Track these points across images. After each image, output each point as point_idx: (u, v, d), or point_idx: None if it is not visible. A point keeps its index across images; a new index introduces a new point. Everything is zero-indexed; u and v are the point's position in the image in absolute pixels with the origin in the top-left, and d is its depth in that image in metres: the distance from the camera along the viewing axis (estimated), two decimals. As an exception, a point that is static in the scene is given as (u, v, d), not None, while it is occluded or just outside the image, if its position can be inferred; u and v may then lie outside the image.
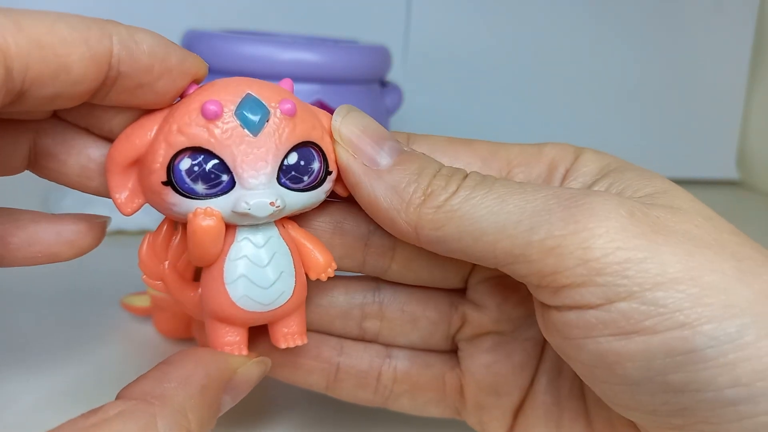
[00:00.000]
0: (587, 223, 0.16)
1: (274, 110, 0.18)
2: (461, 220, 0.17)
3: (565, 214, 0.16)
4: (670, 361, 0.16)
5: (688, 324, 0.15)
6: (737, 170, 0.68)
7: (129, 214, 0.19)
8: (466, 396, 0.23)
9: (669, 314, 0.15)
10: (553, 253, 0.16)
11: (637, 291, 0.16)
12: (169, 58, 0.17)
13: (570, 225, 0.16)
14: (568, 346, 0.18)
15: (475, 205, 0.17)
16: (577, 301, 0.16)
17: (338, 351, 0.22)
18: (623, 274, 0.16)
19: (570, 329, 0.17)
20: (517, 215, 0.17)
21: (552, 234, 0.16)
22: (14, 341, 0.29)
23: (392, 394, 0.23)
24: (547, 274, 0.17)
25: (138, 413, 0.16)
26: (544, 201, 0.17)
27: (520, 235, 0.17)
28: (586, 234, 0.16)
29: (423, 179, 0.18)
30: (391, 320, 0.23)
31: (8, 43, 0.14)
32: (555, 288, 0.17)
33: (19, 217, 0.19)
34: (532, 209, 0.17)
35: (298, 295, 0.20)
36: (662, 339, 0.16)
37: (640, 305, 0.16)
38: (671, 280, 0.15)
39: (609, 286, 0.16)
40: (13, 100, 0.15)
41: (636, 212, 0.16)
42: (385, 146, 0.19)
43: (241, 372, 0.19)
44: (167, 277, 0.20)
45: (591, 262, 0.16)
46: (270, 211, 0.18)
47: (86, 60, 0.16)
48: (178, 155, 0.18)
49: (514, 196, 0.17)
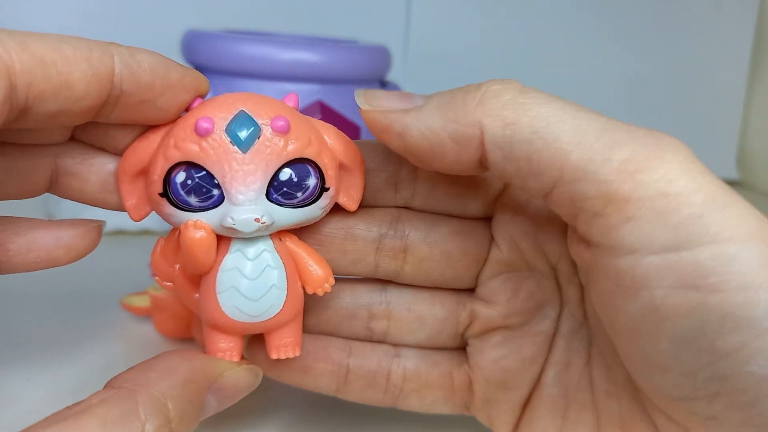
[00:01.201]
0: (674, 157, 0.15)
1: (266, 127, 0.18)
2: (535, 119, 0.16)
3: (651, 141, 0.16)
4: (727, 322, 0.15)
5: (753, 288, 0.15)
6: (737, 170, 0.68)
7: (138, 221, 0.20)
8: (475, 392, 0.23)
9: (736, 273, 0.15)
10: (632, 178, 0.15)
11: (709, 242, 0.15)
12: (170, 74, 0.18)
13: (657, 152, 0.15)
14: (618, 296, 0.16)
15: (550, 104, 0.16)
16: (640, 240, 0.15)
17: (347, 352, 0.23)
18: (699, 222, 0.15)
19: (623, 276, 0.16)
20: (599, 126, 0.16)
21: (637, 156, 0.15)
22: (14, 341, 0.29)
23: (402, 393, 0.23)
24: (618, 200, 0.15)
25: (121, 400, 0.16)
26: (626, 125, 0.16)
27: (600, 149, 0.15)
28: (672, 167, 0.15)
29: (476, 86, 0.17)
30: (399, 320, 0.23)
31: (13, 60, 0.15)
32: (621, 219, 0.15)
33: (17, 224, 0.20)
34: (616, 126, 0.16)
35: (289, 309, 0.20)
36: (722, 298, 0.15)
37: (707, 259, 0.15)
38: (745, 237, 0.15)
39: (681, 229, 0.15)
40: (17, 115, 0.16)
41: (700, 163, 0.16)
42: (415, 97, 0.19)
43: (228, 375, 0.19)
44: (177, 280, 0.21)
45: (670, 198, 0.15)
46: (255, 227, 0.18)
47: (88, 77, 0.16)
48: (175, 168, 0.18)
49: (595, 114, 0.16)
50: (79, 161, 0.20)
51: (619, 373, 0.20)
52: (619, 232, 0.16)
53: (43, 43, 0.16)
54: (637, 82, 0.65)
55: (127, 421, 0.16)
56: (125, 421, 0.16)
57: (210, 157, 0.18)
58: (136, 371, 0.18)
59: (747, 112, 0.69)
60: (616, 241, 0.16)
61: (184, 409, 0.17)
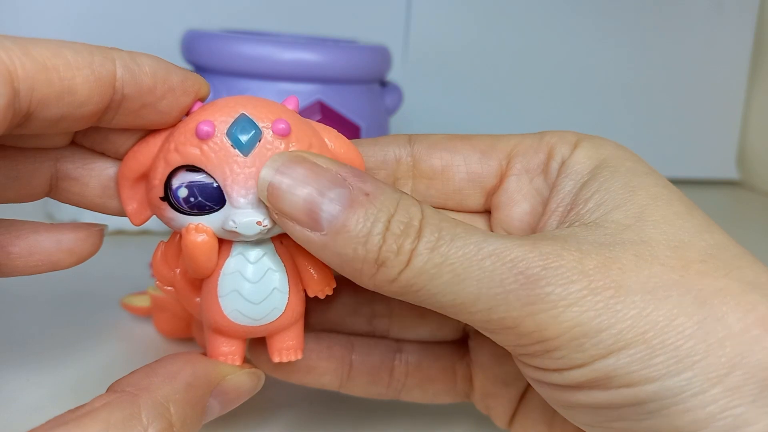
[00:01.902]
0: (543, 304, 0.16)
1: (267, 130, 0.18)
2: (419, 294, 0.17)
3: (522, 293, 0.16)
4: (616, 412, 0.17)
5: (634, 384, 0.16)
6: (737, 170, 0.68)
7: (138, 225, 0.20)
8: (475, 384, 0.23)
9: (617, 377, 0.16)
10: (512, 332, 0.17)
11: (589, 362, 0.16)
12: (171, 78, 0.18)
13: (526, 307, 0.16)
14: (538, 390, 0.19)
15: (431, 279, 0.17)
16: (536, 364, 0.17)
17: (350, 349, 0.23)
18: (578, 349, 0.16)
19: (530, 377, 0.18)
20: (474, 293, 0.17)
21: (510, 314, 0.16)
22: (15, 341, 0.29)
23: (405, 388, 0.23)
24: (509, 346, 0.18)
25: (123, 404, 0.16)
26: (500, 277, 0.17)
27: (478, 313, 0.17)
28: (542, 316, 0.16)
29: (372, 243, 0.17)
30: (400, 317, 0.23)
31: (15, 66, 0.15)
32: (516, 354, 0.18)
33: (19, 227, 0.20)
34: (489, 287, 0.17)
35: (291, 312, 0.20)
36: (608, 395, 0.16)
37: (591, 372, 0.16)
38: (623, 347, 0.16)
39: (564, 359, 0.16)
40: (21, 121, 0.16)
41: (596, 276, 0.16)
42: (327, 198, 0.17)
43: (230, 379, 0.19)
44: (178, 284, 0.21)
45: (548, 341, 0.16)
46: (257, 230, 0.18)
47: (91, 82, 0.16)
48: (175, 172, 0.18)
49: (472, 268, 0.17)
50: (80, 166, 0.20)
51: None
52: (519, 357, 0.18)
53: (45, 48, 0.16)
54: (637, 83, 0.65)
55: (129, 426, 0.16)
56: (127, 426, 0.16)
57: (211, 161, 0.18)
58: (138, 375, 0.18)
59: (747, 112, 0.69)
60: (520, 359, 0.18)
61: (187, 413, 0.17)
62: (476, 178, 0.22)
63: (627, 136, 0.64)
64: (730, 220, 0.17)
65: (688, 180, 0.66)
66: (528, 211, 0.21)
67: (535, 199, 0.21)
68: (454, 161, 0.21)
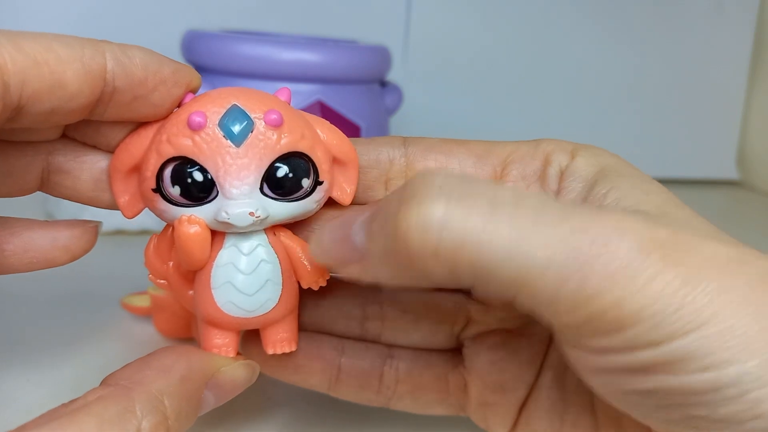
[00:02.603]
0: (622, 276, 0.15)
1: (259, 121, 0.18)
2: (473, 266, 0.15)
3: (599, 264, 0.15)
4: (691, 398, 0.15)
5: (713, 367, 0.15)
6: (737, 170, 0.68)
7: (130, 218, 0.20)
8: (471, 394, 0.23)
9: (693, 360, 0.15)
10: (584, 310, 0.15)
11: (665, 340, 0.15)
12: (162, 70, 0.18)
13: (603, 282, 0.15)
14: (590, 379, 0.17)
15: (491, 238, 0.15)
16: (603, 344, 0.15)
17: (339, 351, 0.22)
18: (656, 326, 0.15)
19: (585, 364, 0.17)
20: (542, 262, 0.15)
21: (584, 290, 0.15)
22: (14, 341, 0.29)
23: (395, 395, 0.23)
24: (576, 325, 0.15)
25: (117, 397, 0.16)
26: (570, 245, 0.15)
27: (546, 287, 0.15)
28: (620, 290, 0.15)
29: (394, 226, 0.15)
30: (393, 321, 0.23)
31: (6, 60, 0.15)
32: (578, 336, 0.16)
33: (13, 224, 0.20)
34: (557, 255, 0.15)
35: (285, 303, 0.20)
36: (683, 380, 0.15)
37: (665, 352, 0.15)
38: (701, 325, 0.15)
39: (637, 337, 0.15)
40: (11, 115, 0.16)
41: (670, 247, 0.15)
42: (355, 228, 0.17)
43: (225, 371, 0.19)
44: (171, 277, 0.21)
45: (624, 318, 0.15)
46: (250, 221, 0.18)
47: (81, 76, 0.16)
48: (167, 164, 0.18)
49: (542, 233, 0.15)
50: (71, 159, 0.20)
51: None
52: (582, 341, 0.16)
53: (36, 42, 0.16)
54: (637, 83, 0.65)
55: (123, 419, 0.16)
56: (121, 419, 0.16)
57: (203, 152, 0.18)
58: (132, 368, 0.18)
59: (747, 112, 0.69)
60: (581, 344, 0.16)
61: (181, 406, 0.17)
62: None
63: (627, 136, 0.64)
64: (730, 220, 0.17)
65: (688, 180, 0.66)
66: None
67: None
68: (449, 164, 0.21)
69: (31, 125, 0.17)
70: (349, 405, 0.25)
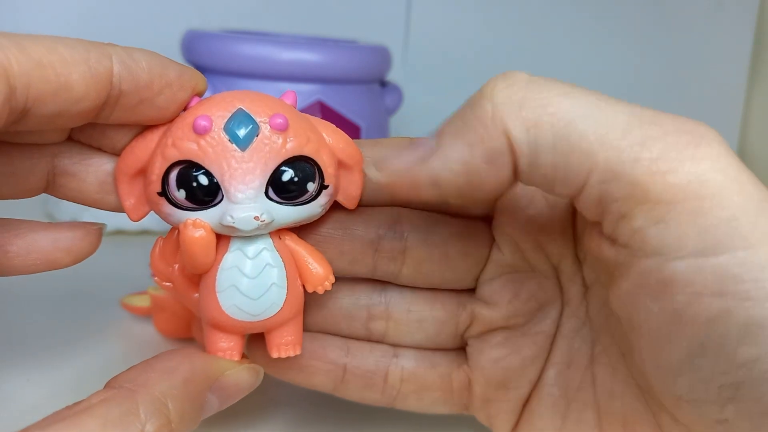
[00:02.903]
0: (707, 153, 0.14)
1: (264, 125, 0.18)
2: (556, 118, 0.15)
3: (683, 135, 0.15)
4: (750, 331, 0.14)
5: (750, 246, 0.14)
6: (737, 170, 0.68)
7: (136, 221, 0.20)
8: (474, 392, 0.23)
9: (766, 281, 0.14)
10: (663, 179, 0.14)
11: (740, 247, 0.14)
12: (168, 73, 0.18)
13: (689, 149, 0.14)
14: (639, 297, 0.16)
15: (569, 96, 0.15)
16: (668, 244, 0.15)
17: (344, 352, 0.22)
18: (732, 225, 0.14)
19: (647, 278, 0.15)
20: (624, 121, 0.15)
21: (668, 154, 0.14)
22: (14, 340, 0.29)
23: (399, 395, 0.23)
24: (648, 202, 0.15)
25: (121, 400, 0.16)
26: (654, 114, 0.15)
27: (628, 148, 0.14)
28: (705, 165, 0.14)
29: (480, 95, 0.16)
30: (398, 321, 0.23)
31: (11, 63, 0.15)
32: (650, 221, 0.15)
33: (16, 226, 0.20)
34: (643, 117, 0.15)
35: (290, 307, 0.20)
36: (748, 307, 0.14)
37: (736, 265, 0.14)
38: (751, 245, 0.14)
39: (712, 233, 0.14)
40: (17, 118, 0.16)
41: (736, 158, 0.15)
42: (422, 140, 0.18)
43: (229, 374, 0.19)
44: (176, 280, 0.21)
45: (703, 200, 0.14)
46: (255, 225, 0.18)
47: (87, 79, 0.16)
48: (173, 167, 0.18)
49: (619, 104, 0.15)
50: (77, 161, 0.20)
51: (623, 373, 0.20)
52: (647, 234, 0.15)
53: (41, 45, 0.16)
54: (637, 82, 0.65)
55: (126, 422, 0.16)
56: (125, 422, 0.16)
57: (208, 156, 0.18)
58: (136, 371, 0.18)
59: (747, 112, 0.69)
60: (643, 243, 0.15)
61: (185, 409, 0.17)
62: None
63: (627, 136, 0.64)
64: (730, 219, 0.17)
65: (688, 180, 0.65)
66: (533, 215, 0.21)
67: (540, 203, 0.21)
68: None
69: (37, 128, 0.17)
70: (350, 406, 0.25)
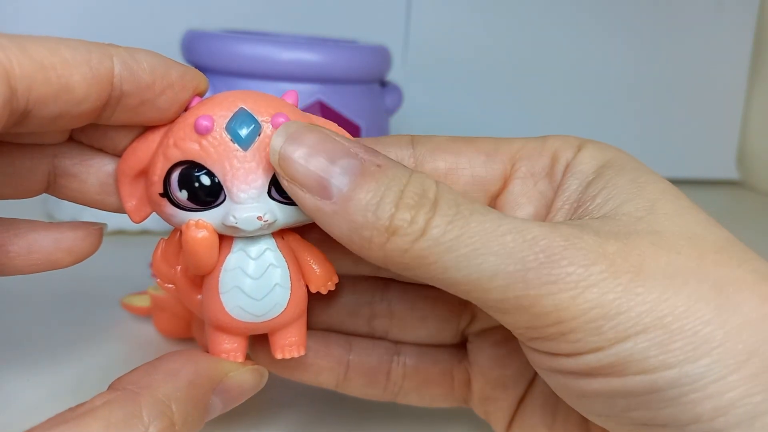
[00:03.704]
0: (563, 284, 0.16)
1: (266, 124, 0.18)
2: (431, 268, 0.16)
3: (542, 272, 0.16)
4: (633, 400, 0.16)
5: (651, 370, 0.16)
6: (737, 170, 0.68)
7: (138, 222, 0.20)
8: (473, 388, 0.23)
9: (634, 362, 0.16)
10: (527, 312, 0.16)
11: (606, 345, 0.16)
12: (170, 73, 0.18)
13: (545, 286, 0.16)
14: (547, 379, 0.18)
15: (446, 251, 0.16)
16: (549, 348, 0.17)
17: (347, 349, 0.23)
18: (596, 332, 0.16)
19: (541, 365, 0.18)
20: (492, 269, 0.16)
21: (527, 293, 0.16)
22: (14, 341, 0.29)
23: (402, 390, 0.23)
24: (522, 327, 0.17)
25: (124, 402, 0.16)
26: (521, 254, 0.16)
27: (494, 290, 0.16)
28: (561, 296, 0.16)
29: (383, 211, 0.16)
30: (401, 319, 0.23)
31: (12, 65, 0.15)
32: (528, 338, 0.17)
33: (17, 225, 0.20)
34: (508, 263, 0.16)
35: (293, 308, 0.20)
36: (624, 382, 0.16)
37: (607, 356, 0.16)
38: (641, 331, 0.16)
39: (581, 342, 0.16)
40: (18, 120, 0.16)
41: (616, 259, 0.16)
42: (338, 166, 0.17)
43: (233, 376, 0.19)
44: (178, 281, 0.21)
45: (565, 323, 0.16)
46: (258, 225, 0.18)
47: (88, 80, 0.16)
48: (175, 168, 0.18)
49: (491, 243, 0.16)
50: (78, 162, 0.20)
51: None
52: (531, 342, 0.17)
53: (42, 46, 0.16)
54: (637, 82, 0.65)
55: (130, 424, 0.16)
56: (128, 424, 0.16)
57: (211, 156, 0.18)
58: (139, 373, 0.17)
59: (747, 112, 0.69)
60: (530, 344, 0.17)
61: (188, 412, 0.17)
62: (480, 182, 0.21)
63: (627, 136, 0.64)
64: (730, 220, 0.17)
65: (688, 180, 0.66)
66: (532, 214, 0.21)
67: (540, 202, 0.21)
68: (459, 164, 0.21)
69: (38, 129, 0.17)
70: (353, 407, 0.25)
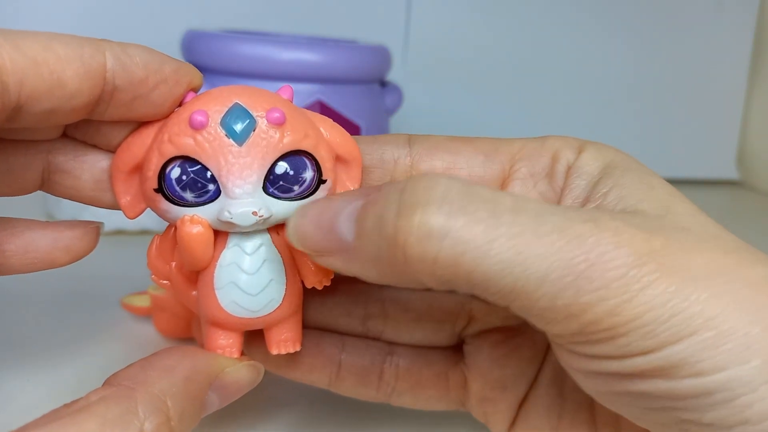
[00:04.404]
0: (615, 287, 0.15)
1: (261, 119, 0.18)
2: (472, 277, 0.15)
3: (594, 275, 0.15)
4: (679, 402, 0.16)
5: (702, 373, 0.15)
6: (737, 170, 0.68)
7: (132, 218, 0.20)
8: (471, 390, 0.23)
9: (685, 365, 0.15)
10: (576, 320, 0.15)
11: (658, 348, 0.15)
12: (163, 68, 0.18)
13: (597, 291, 0.15)
14: (582, 381, 0.17)
15: (485, 257, 0.15)
16: (594, 352, 0.16)
17: (340, 348, 0.23)
18: (649, 335, 0.15)
19: (578, 367, 0.17)
20: (539, 276, 0.15)
21: (578, 300, 0.15)
22: (14, 341, 0.29)
23: (395, 392, 0.23)
24: (564, 335, 0.16)
25: (120, 398, 0.16)
26: (568, 256, 0.15)
27: (541, 300, 0.15)
28: (615, 301, 0.15)
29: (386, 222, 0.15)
30: (395, 320, 0.23)
31: (4, 60, 0.15)
32: (569, 342, 0.16)
33: (14, 225, 0.20)
34: (555, 268, 0.15)
35: (289, 303, 0.20)
36: (673, 384, 0.15)
37: (658, 359, 0.15)
38: (693, 332, 0.15)
39: (631, 345, 0.15)
40: (10, 115, 0.16)
41: (665, 257, 0.15)
42: (342, 218, 0.17)
43: (229, 372, 0.19)
44: (174, 278, 0.21)
45: (617, 328, 0.15)
46: (253, 220, 0.18)
47: (81, 75, 0.16)
48: (169, 163, 0.18)
49: (533, 245, 0.15)
50: (72, 158, 0.20)
51: None
52: (578, 347, 0.16)
53: (35, 42, 0.16)
54: (637, 83, 0.65)
55: (125, 420, 0.16)
56: (124, 420, 0.16)
57: (205, 151, 0.18)
58: (135, 368, 0.17)
59: (747, 112, 0.69)
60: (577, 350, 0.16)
61: (184, 407, 0.17)
62: (478, 182, 0.21)
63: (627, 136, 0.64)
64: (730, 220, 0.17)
65: (688, 180, 0.66)
66: None
67: None
68: (457, 164, 0.21)
69: (31, 125, 0.17)
70: (350, 406, 0.25)
